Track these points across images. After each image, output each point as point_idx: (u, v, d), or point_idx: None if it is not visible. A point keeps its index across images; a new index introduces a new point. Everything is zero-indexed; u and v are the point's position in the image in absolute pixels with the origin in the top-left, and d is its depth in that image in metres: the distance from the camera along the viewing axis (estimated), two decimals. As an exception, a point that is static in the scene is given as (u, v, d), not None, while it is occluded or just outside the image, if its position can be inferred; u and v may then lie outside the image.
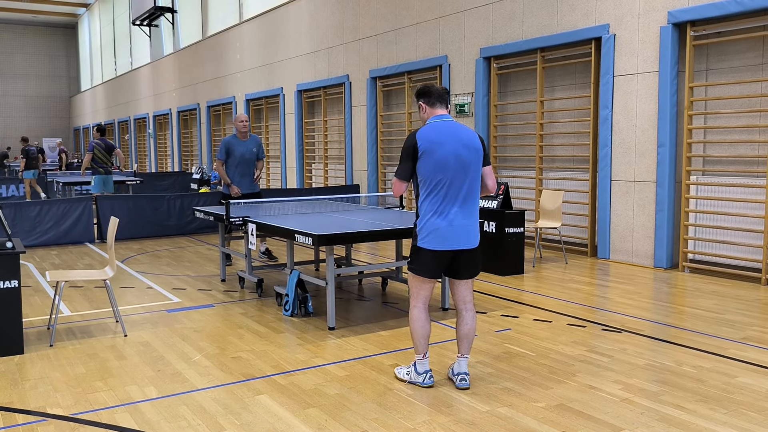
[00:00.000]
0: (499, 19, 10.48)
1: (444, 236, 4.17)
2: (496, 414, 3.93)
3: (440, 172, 4.13)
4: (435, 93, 4.33)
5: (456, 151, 4.14)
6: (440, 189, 4.15)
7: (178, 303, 6.86)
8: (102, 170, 12.97)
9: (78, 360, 5.02)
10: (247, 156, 8.63)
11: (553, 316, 6.16)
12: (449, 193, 4.16)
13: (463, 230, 4.22)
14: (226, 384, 4.47)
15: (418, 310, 4.32)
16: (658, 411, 3.96)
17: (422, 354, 4.33)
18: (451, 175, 4.14)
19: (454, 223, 4.18)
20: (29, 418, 3.95)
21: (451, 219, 4.17)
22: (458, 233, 4.20)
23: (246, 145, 8.61)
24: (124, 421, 3.89)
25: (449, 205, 4.17)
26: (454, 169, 4.14)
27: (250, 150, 8.63)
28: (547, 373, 4.61)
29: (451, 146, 4.14)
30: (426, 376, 4.34)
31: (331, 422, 3.83)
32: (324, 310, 6.34)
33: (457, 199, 4.19)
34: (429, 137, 4.16)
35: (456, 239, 4.20)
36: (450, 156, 4.13)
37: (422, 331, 4.30)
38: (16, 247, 5.17)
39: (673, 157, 8.33)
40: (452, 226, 4.17)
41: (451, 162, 4.13)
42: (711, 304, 6.57)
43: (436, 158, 4.12)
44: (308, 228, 5.83)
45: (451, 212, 4.17)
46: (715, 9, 7.64)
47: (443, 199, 4.16)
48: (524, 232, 8.22)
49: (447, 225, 4.16)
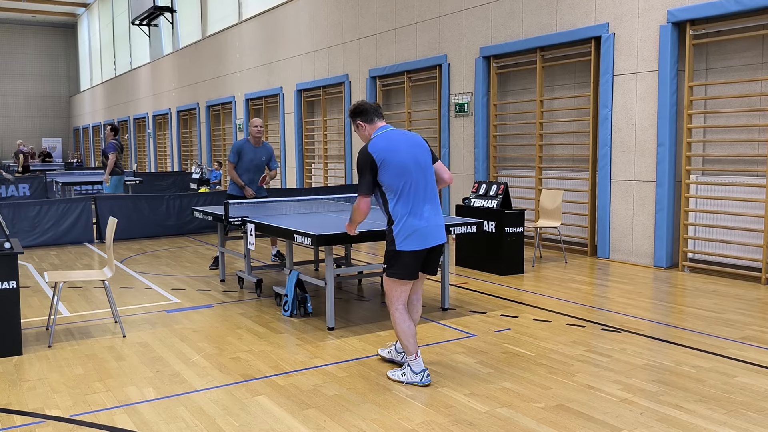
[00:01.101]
0: (499, 18, 10.47)
1: (424, 235, 4.32)
2: (495, 414, 3.92)
3: (403, 176, 4.28)
4: (370, 109, 4.46)
5: (411, 154, 4.33)
6: (408, 191, 4.30)
7: (177, 303, 6.85)
8: (118, 170, 12.88)
9: (76, 361, 5.01)
10: (256, 163, 8.51)
11: (552, 316, 6.15)
12: (418, 194, 4.32)
13: (437, 227, 4.40)
14: (224, 385, 4.46)
15: (400, 312, 4.41)
16: (657, 411, 3.95)
17: (414, 353, 4.38)
18: (414, 177, 4.31)
19: (430, 221, 4.34)
20: (27, 419, 3.94)
21: (427, 217, 4.34)
22: (434, 230, 4.37)
23: (257, 152, 8.48)
24: (122, 422, 3.88)
25: (421, 205, 4.33)
26: (415, 171, 4.32)
27: (260, 158, 8.51)
28: (546, 374, 4.60)
29: (404, 151, 4.31)
30: (423, 375, 4.37)
31: (330, 423, 3.82)
32: (323, 311, 6.33)
33: (426, 197, 4.35)
34: (382, 147, 4.29)
35: (433, 236, 4.37)
36: (408, 159, 4.30)
37: (410, 330, 4.40)
38: (14, 247, 5.16)
39: (673, 157, 8.32)
40: (429, 224, 4.33)
41: (410, 165, 4.30)
42: (710, 304, 6.56)
43: (396, 164, 4.27)
44: (308, 228, 5.82)
45: (425, 210, 4.33)
46: (714, 8, 7.63)
47: (414, 199, 4.31)
48: (524, 232, 8.21)
49: (425, 224, 4.32)
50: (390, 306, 4.46)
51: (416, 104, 12.71)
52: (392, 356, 4.85)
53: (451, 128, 11.56)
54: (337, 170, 15.34)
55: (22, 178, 18.85)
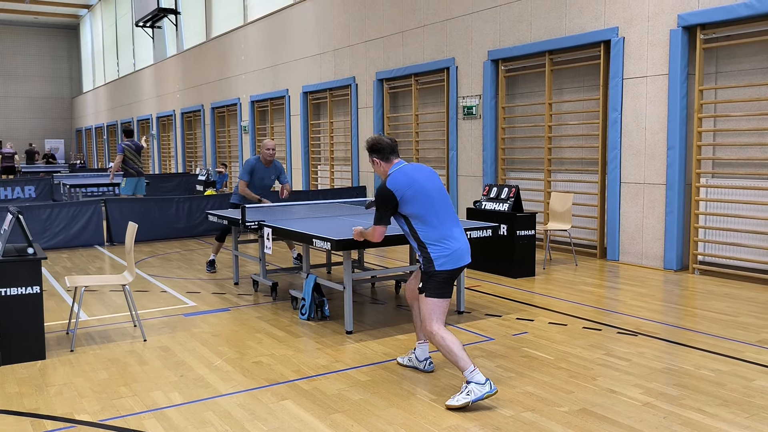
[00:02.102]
0: (507, 21, 10.52)
1: (459, 256, 4.44)
2: (520, 419, 3.97)
3: (428, 203, 4.43)
4: (387, 148, 4.57)
5: (429, 183, 4.50)
6: (436, 216, 4.43)
7: (193, 307, 6.90)
8: (134, 172, 12.95)
9: (100, 365, 5.06)
10: (266, 182, 8.57)
11: (567, 319, 6.20)
12: (446, 217, 4.47)
13: (467, 247, 4.52)
14: (249, 389, 4.51)
15: (443, 330, 4.34)
16: (680, 415, 4.00)
17: (472, 366, 4.19)
18: (439, 202, 4.47)
19: (461, 242, 4.48)
20: (58, 424, 3.99)
21: (459, 239, 4.47)
22: (465, 251, 4.50)
23: (267, 171, 8.51)
24: (152, 427, 3.93)
25: (451, 228, 4.47)
26: (438, 197, 4.48)
27: (269, 176, 8.55)
28: (567, 377, 4.65)
29: (423, 180, 4.48)
30: (489, 384, 4.15)
31: (357, 428, 3.87)
32: (339, 314, 6.38)
33: (453, 220, 4.52)
34: (401, 183, 4.43)
35: (466, 257, 4.50)
36: (428, 187, 4.47)
37: (458, 343, 4.27)
38: (37, 252, 5.21)
39: (683, 160, 8.37)
40: (461, 246, 4.47)
41: (432, 192, 4.47)
42: (724, 307, 6.61)
43: (419, 194, 4.42)
44: (325, 232, 5.87)
45: (455, 232, 4.47)
46: (725, 12, 7.68)
47: (443, 223, 4.44)
48: (535, 235, 8.26)
49: (458, 245, 4.45)
50: (429, 327, 4.35)
51: (423, 107, 12.76)
52: (413, 363, 4.89)
53: (459, 131, 11.61)
54: (343, 172, 15.39)
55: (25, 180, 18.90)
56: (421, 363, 4.84)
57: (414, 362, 4.88)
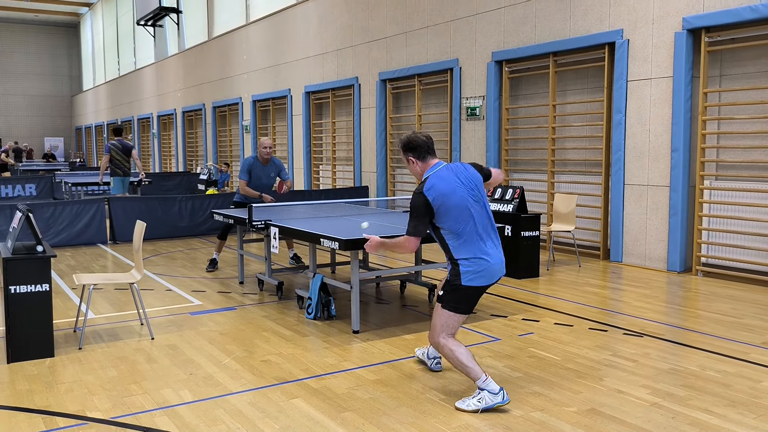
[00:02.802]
0: (511, 23, 10.55)
1: (491, 273, 4.21)
2: (529, 418, 4.00)
3: (463, 218, 4.15)
4: (423, 146, 4.28)
5: (468, 193, 4.20)
6: (470, 233, 4.16)
7: (199, 306, 6.92)
8: (120, 171, 12.93)
9: (109, 363, 5.08)
10: (264, 180, 8.54)
11: (573, 320, 6.23)
12: (479, 233, 4.19)
13: (501, 262, 4.27)
14: (259, 387, 4.53)
15: (451, 341, 4.23)
16: (688, 415, 4.03)
17: (484, 375, 4.13)
18: (475, 218, 4.18)
19: (494, 258, 4.21)
20: (70, 421, 4.01)
21: (492, 254, 4.21)
22: (499, 266, 4.25)
23: (265, 169, 8.51)
24: (164, 424, 3.95)
25: (484, 244, 4.20)
26: (475, 211, 4.19)
27: (268, 175, 8.54)
28: (574, 378, 4.68)
29: (462, 191, 4.18)
30: (503, 394, 4.10)
31: (368, 426, 3.90)
32: (344, 314, 6.41)
33: (487, 234, 4.23)
34: (439, 191, 4.13)
35: (498, 272, 4.27)
36: (466, 200, 4.17)
37: (467, 354, 4.20)
38: (46, 250, 5.23)
39: (687, 162, 8.41)
40: (494, 261, 4.20)
41: (469, 206, 4.17)
42: (728, 308, 6.64)
43: (455, 208, 4.13)
44: (331, 232, 5.89)
45: (488, 248, 4.21)
46: (729, 16, 7.71)
47: (476, 240, 4.18)
48: (539, 236, 8.29)
49: (491, 261, 4.19)
50: (437, 338, 4.24)
51: (427, 107, 12.78)
52: (423, 358, 4.93)
53: (463, 131, 11.64)
54: (345, 172, 15.42)
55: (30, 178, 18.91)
56: (429, 360, 4.87)
57: (424, 357, 4.91)
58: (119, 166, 12.90)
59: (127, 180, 13.11)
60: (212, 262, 8.92)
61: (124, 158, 12.93)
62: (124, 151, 12.91)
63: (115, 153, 12.84)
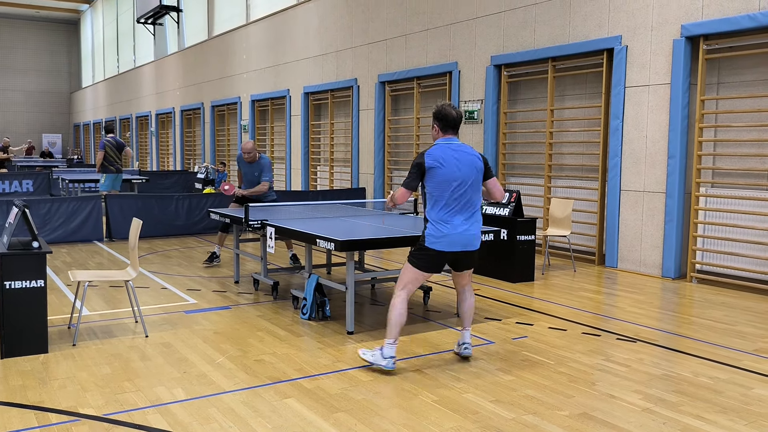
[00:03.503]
0: (511, 27, 10.58)
1: (451, 241, 4.75)
2: (521, 422, 4.01)
3: (443, 188, 4.71)
4: (449, 119, 4.80)
5: (459, 170, 4.72)
6: (444, 202, 4.73)
7: (194, 304, 6.92)
8: (113, 168, 13.00)
9: (102, 360, 5.08)
10: (249, 177, 8.87)
11: (566, 325, 6.25)
12: (451, 205, 4.74)
13: (466, 236, 4.79)
14: (252, 387, 4.54)
15: (401, 299, 4.80)
16: (679, 421, 4.04)
17: (393, 339, 4.75)
18: (454, 191, 4.72)
19: (457, 229, 4.74)
20: (62, 417, 4.01)
21: (456, 226, 4.74)
22: (461, 238, 4.77)
23: (251, 167, 8.81)
24: (156, 422, 3.95)
25: (453, 215, 4.75)
26: (456, 186, 4.72)
27: (253, 173, 8.84)
28: (567, 382, 4.69)
29: (454, 166, 4.72)
30: (390, 361, 4.72)
31: (361, 427, 3.90)
32: (339, 314, 6.42)
33: (461, 209, 4.76)
34: (435, 157, 4.72)
35: (460, 244, 4.78)
36: (453, 174, 4.70)
37: (400, 319, 4.76)
38: (42, 246, 5.23)
39: (683, 169, 8.44)
40: (456, 232, 4.74)
41: (453, 180, 4.71)
42: (721, 315, 6.67)
43: (440, 176, 4.70)
44: (327, 233, 5.90)
45: (455, 220, 4.74)
46: (728, 24, 7.75)
47: (447, 210, 4.74)
48: (535, 240, 8.31)
49: (452, 231, 4.73)
50: (397, 288, 4.85)
51: (425, 110, 12.81)
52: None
53: (461, 135, 11.64)
54: (343, 173, 15.43)
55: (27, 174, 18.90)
56: (458, 347, 5.16)
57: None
58: (112, 163, 13.01)
59: (119, 177, 13.18)
60: (211, 256, 9.02)
61: (118, 155, 13.05)
62: (118, 148, 13.06)
63: (110, 149, 12.94)
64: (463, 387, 4.55)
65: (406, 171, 13.27)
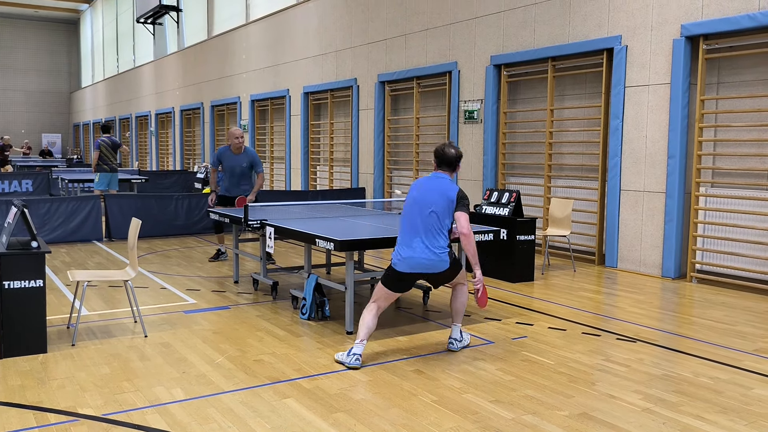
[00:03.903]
0: (511, 27, 10.57)
1: (410, 265, 5.04)
2: (521, 422, 4.00)
3: (406, 212, 5.17)
4: (438, 158, 5.26)
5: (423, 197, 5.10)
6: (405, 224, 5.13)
7: (193, 304, 6.91)
8: (107, 168, 13.16)
9: (101, 360, 5.07)
10: (237, 170, 8.85)
11: (566, 325, 6.24)
12: (412, 228, 5.07)
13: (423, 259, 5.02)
14: (252, 387, 4.53)
15: (370, 309, 5.15)
16: (679, 421, 4.04)
17: (359, 341, 5.02)
18: (414, 215, 5.09)
19: (416, 252, 5.03)
20: (61, 417, 4.00)
21: (415, 248, 5.04)
22: (419, 261, 5.03)
23: (237, 159, 8.81)
24: (155, 422, 3.94)
25: (412, 237, 5.06)
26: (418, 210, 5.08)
27: (240, 164, 8.82)
28: (567, 382, 4.69)
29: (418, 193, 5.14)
30: (353, 358, 4.95)
31: (360, 427, 3.90)
32: (338, 314, 6.41)
33: (420, 232, 5.04)
34: (412, 186, 5.27)
35: (420, 266, 5.04)
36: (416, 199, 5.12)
37: (369, 324, 5.08)
38: (41, 246, 5.22)
39: (683, 169, 8.43)
40: (414, 255, 5.02)
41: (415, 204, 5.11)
42: (721, 315, 6.66)
43: (407, 201, 5.20)
44: (327, 233, 5.89)
45: (414, 242, 5.05)
46: (728, 24, 7.74)
47: (407, 232, 5.10)
48: (535, 240, 8.30)
49: (411, 254, 5.04)
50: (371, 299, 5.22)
51: (425, 110, 12.80)
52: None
53: (460, 135, 11.65)
54: (343, 173, 15.42)
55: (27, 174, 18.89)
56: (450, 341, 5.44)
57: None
58: (107, 162, 13.23)
59: (115, 176, 13.29)
60: (217, 253, 9.36)
61: (113, 154, 13.22)
62: (113, 147, 13.25)
63: (105, 149, 13.15)
64: (463, 387, 4.55)
65: (406, 171, 13.29)
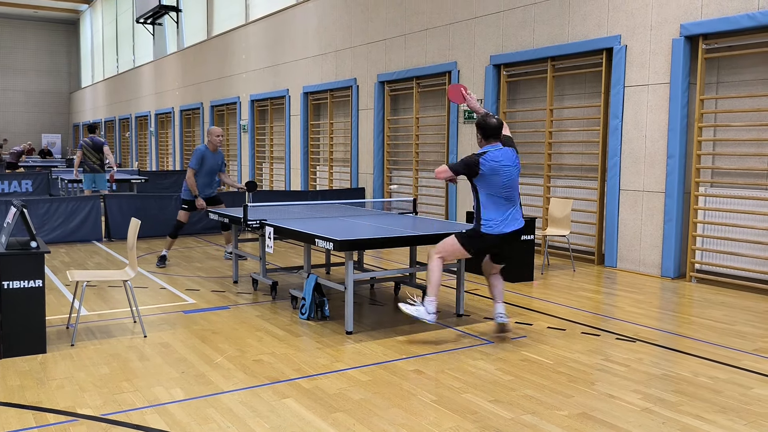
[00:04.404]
0: (510, 27, 10.57)
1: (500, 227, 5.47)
2: (520, 421, 4.00)
3: (497, 188, 5.42)
4: (489, 130, 5.48)
5: (514, 172, 5.49)
6: (497, 198, 5.46)
7: (193, 304, 6.91)
8: (87, 168, 13.36)
9: (101, 360, 5.07)
10: (215, 168, 9.14)
11: (566, 324, 6.24)
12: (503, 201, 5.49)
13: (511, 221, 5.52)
14: (251, 387, 4.53)
15: (438, 263, 5.53)
16: (678, 421, 4.04)
17: (433, 298, 5.47)
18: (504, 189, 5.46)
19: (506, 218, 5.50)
20: (60, 417, 4.00)
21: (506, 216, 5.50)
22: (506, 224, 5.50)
23: (215, 157, 9.08)
24: (154, 422, 3.94)
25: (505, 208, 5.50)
26: (507, 184, 5.45)
27: (217, 163, 9.13)
28: (566, 382, 4.69)
29: (507, 170, 5.44)
30: (431, 317, 5.46)
31: (360, 427, 3.90)
32: (338, 314, 6.41)
33: (510, 201, 5.52)
34: (491, 162, 5.37)
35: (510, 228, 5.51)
36: (507, 177, 5.44)
37: (439, 278, 5.52)
38: (40, 246, 5.22)
39: (683, 168, 8.43)
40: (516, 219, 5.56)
41: (506, 182, 5.44)
42: (720, 315, 6.66)
43: (495, 179, 5.40)
44: (326, 232, 5.89)
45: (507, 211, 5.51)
46: (727, 23, 7.74)
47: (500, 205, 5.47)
48: (534, 240, 8.30)
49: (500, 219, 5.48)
50: (434, 252, 5.56)
51: (424, 110, 12.80)
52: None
53: (460, 135, 11.65)
54: (342, 173, 15.42)
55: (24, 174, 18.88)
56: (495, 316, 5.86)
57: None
58: (88, 163, 13.40)
59: (99, 176, 13.44)
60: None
61: (95, 155, 13.37)
62: (95, 148, 13.42)
63: (86, 150, 13.34)
64: (462, 387, 4.55)
65: (406, 171, 13.29)
